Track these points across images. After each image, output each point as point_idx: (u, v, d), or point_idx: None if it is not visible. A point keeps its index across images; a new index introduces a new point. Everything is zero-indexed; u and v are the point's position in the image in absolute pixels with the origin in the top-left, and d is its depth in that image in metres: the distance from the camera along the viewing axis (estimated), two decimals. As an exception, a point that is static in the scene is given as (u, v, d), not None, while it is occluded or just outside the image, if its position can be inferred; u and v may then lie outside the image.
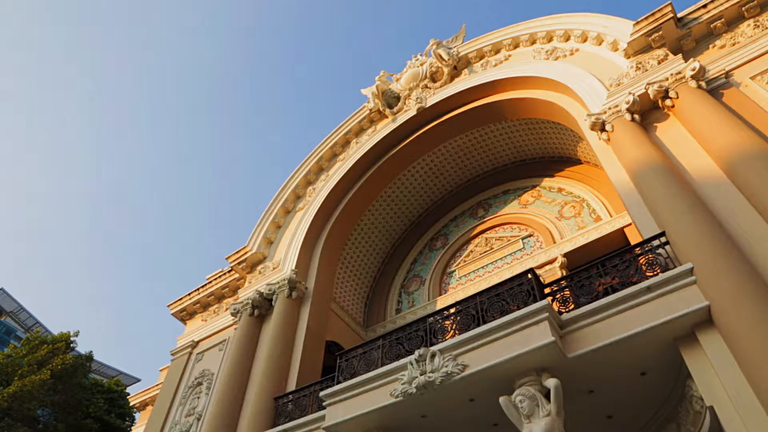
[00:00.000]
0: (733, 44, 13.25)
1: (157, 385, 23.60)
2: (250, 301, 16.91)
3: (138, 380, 57.13)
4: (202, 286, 20.39)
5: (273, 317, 16.15)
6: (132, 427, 27.76)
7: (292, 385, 14.34)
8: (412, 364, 10.24)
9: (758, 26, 13.12)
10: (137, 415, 34.19)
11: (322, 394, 11.54)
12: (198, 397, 16.55)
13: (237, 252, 18.94)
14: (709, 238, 9.07)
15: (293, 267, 17.22)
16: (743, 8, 13.44)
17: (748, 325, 7.73)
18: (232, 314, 17.40)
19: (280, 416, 13.39)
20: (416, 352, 10.27)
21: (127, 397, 32.69)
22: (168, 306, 20.90)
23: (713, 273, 8.57)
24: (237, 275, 19.34)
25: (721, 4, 13.64)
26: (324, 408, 11.58)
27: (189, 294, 20.57)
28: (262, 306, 16.91)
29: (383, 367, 10.85)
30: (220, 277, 20.06)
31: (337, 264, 19.37)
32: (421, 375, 9.97)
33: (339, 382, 11.63)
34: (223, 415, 14.08)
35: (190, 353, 18.73)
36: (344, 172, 19.21)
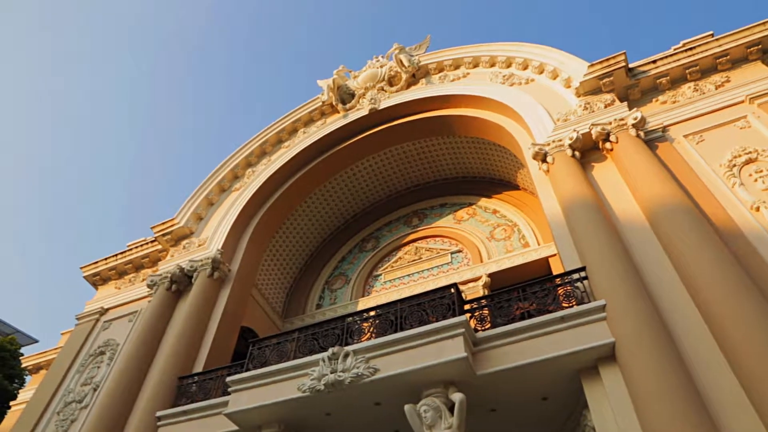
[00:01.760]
0: (674, 102, 14.03)
1: (55, 348, 22.39)
2: (169, 275, 16.37)
3: (35, 341, 54.01)
4: (121, 253, 19.56)
5: (191, 295, 15.69)
6: (20, 390, 26.23)
7: (199, 367, 13.97)
8: (324, 361, 10.20)
9: (697, 90, 13.97)
10: (28, 378, 32.42)
11: (228, 379, 11.27)
12: (98, 367, 15.83)
13: (164, 223, 18.30)
14: (624, 279, 9.53)
15: (219, 247, 16.82)
16: (687, 71, 14.30)
17: (646, 367, 8.17)
18: (149, 286, 16.77)
19: (182, 396, 13.01)
20: (330, 350, 10.25)
21: (20, 358, 30.87)
22: (81, 268, 19.90)
23: (623, 312, 9.01)
24: (160, 247, 18.69)
25: (669, 63, 14.45)
26: (229, 394, 11.34)
27: (106, 258, 19.68)
28: (182, 282, 16.41)
29: (295, 360, 10.74)
30: (142, 246, 19.31)
31: (265, 251, 19.07)
32: (331, 373, 9.95)
33: (248, 370, 11.41)
34: (122, 389, 13.52)
35: (97, 320, 17.90)
36: (287, 159, 18.96)
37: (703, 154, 12.22)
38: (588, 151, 13.36)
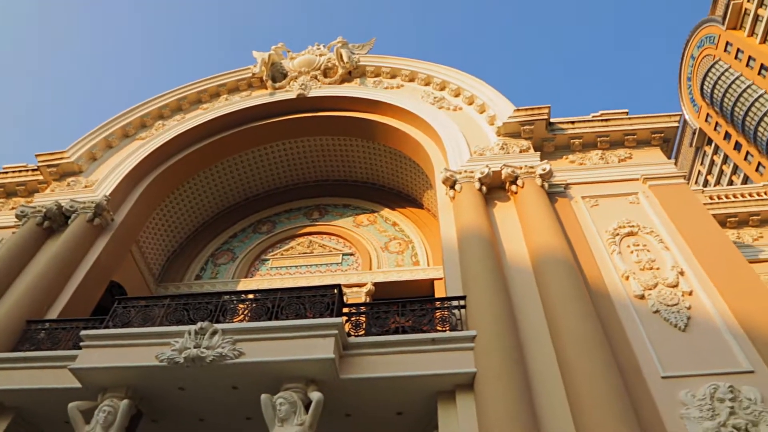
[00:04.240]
0: (581, 164, 15.02)
1: None
2: (44, 210, 15.07)
3: None
4: (-6, 174, 17.86)
5: (63, 236, 14.53)
6: None
7: (54, 314, 12.91)
8: (190, 334, 9.84)
9: (603, 159, 15.06)
10: None
11: (83, 333, 10.53)
12: (-67, 292, 14.21)
13: (52, 153, 16.86)
14: (498, 316, 9.98)
15: (108, 193, 15.74)
16: (599, 139, 15.41)
17: (497, 402, 8.59)
18: (18, 216, 15.34)
19: (25, 342, 11.91)
20: (198, 324, 9.92)
21: None
22: (-58, 180, 17.92)
23: (489, 347, 9.44)
24: (41, 178, 17.21)
25: (585, 128, 15.51)
26: (80, 348, 10.58)
27: (-25, 176, 17.87)
28: (56, 220, 15.16)
29: (160, 327, 10.31)
30: (20, 171, 17.69)
31: (156, 209, 18.11)
32: (194, 348, 9.61)
33: (107, 327, 10.77)
34: (-43, 320, 12.24)
35: (-52, 240, 16.16)
36: (202, 121, 18.20)
37: (594, 218, 13.15)
38: (495, 188, 13.93)
